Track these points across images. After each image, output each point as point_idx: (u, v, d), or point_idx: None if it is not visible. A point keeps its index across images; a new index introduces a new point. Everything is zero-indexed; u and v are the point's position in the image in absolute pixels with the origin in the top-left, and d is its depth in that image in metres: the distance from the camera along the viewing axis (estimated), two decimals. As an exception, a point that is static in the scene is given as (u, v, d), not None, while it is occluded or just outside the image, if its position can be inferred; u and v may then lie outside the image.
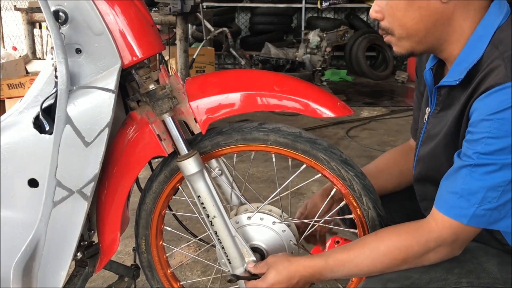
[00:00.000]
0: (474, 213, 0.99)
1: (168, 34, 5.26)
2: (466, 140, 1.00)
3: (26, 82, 3.48)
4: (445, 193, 1.04)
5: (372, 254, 1.10)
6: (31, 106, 1.18)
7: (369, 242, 1.13)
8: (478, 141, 0.97)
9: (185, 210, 2.29)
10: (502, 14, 1.04)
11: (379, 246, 1.10)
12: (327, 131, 4.15)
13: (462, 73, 1.04)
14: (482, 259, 1.10)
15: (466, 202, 0.99)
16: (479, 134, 0.96)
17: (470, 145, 0.99)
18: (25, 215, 1.21)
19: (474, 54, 1.03)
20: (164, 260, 1.45)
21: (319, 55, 5.57)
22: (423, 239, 1.06)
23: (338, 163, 1.24)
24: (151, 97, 1.19)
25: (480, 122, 0.96)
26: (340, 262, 1.13)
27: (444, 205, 1.03)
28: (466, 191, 0.99)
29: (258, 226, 1.32)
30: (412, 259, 1.08)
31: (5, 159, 1.19)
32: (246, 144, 1.28)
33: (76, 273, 1.40)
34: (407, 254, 1.07)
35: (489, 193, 0.97)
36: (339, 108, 1.21)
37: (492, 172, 0.96)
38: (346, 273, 1.14)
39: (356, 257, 1.12)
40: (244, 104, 1.21)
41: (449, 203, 1.02)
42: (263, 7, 7.23)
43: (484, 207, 0.98)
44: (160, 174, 1.33)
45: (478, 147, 0.96)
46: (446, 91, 1.13)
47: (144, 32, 1.17)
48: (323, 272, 1.15)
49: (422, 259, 1.07)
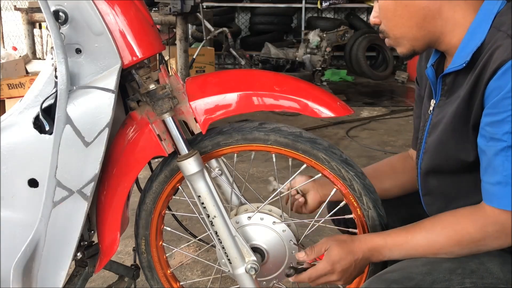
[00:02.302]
0: None
1: (168, 34, 5.25)
2: (489, 124, 0.99)
3: (26, 82, 3.48)
4: (490, 187, 1.01)
5: (428, 235, 1.10)
6: (31, 106, 1.17)
7: (426, 223, 1.12)
8: (503, 121, 0.96)
9: (185, 210, 2.29)
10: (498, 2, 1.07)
11: (436, 227, 1.10)
12: (327, 131, 4.15)
13: (468, 56, 1.05)
14: (484, 259, 1.10)
15: None
16: (503, 114, 0.95)
17: (496, 128, 0.97)
18: (25, 215, 1.21)
19: (477, 38, 1.05)
20: (164, 261, 1.45)
21: (319, 55, 5.57)
22: (479, 223, 1.04)
23: (338, 163, 1.24)
24: (152, 97, 1.19)
25: (501, 101, 0.96)
26: (398, 242, 1.13)
27: (494, 199, 1.01)
28: (509, 177, 0.97)
29: (258, 226, 1.32)
30: (467, 242, 1.06)
31: (5, 159, 1.19)
32: (246, 144, 1.28)
33: (76, 273, 1.40)
34: (462, 235, 1.06)
35: None
36: (339, 108, 1.21)
37: None
38: (403, 253, 1.13)
39: (413, 237, 1.12)
40: (244, 104, 1.21)
41: (498, 194, 1.00)
42: (263, 7, 7.24)
43: None
44: (160, 174, 1.33)
45: (506, 127, 0.95)
46: (451, 79, 1.13)
47: (144, 32, 1.17)
48: (382, 251, 1.14)
49: (479, 243, 1.06)
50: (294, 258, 1.33)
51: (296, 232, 1.34)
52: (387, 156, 3.44)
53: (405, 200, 1.43)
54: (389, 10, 1.11)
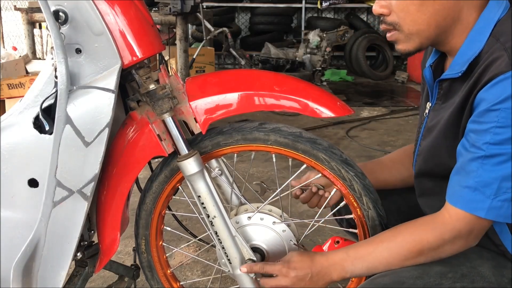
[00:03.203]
0: (491, 205, 0.98)
1: (168, 34, 5.25)
2: (473, 131, 1.00)
3: (26, 82, 3.48)
4: (459, 188, 1.03)
5: (389, 246, 1.10)
6: (31, 106, 1.17)
7: (387, 235, 1.13)
8: (486, 131, 0.96)
9: (185, 210, 2.29)
10: (501, 8, 1.05)
11: (396, 238, 1.11)
12: (327, 131, 4.15)
13: (464, 65, 1.05)
14: (476, 262, 1.10)
15: (481, 195, 0.99)
16: (487, 124, 0.96)
17: (478, 136, 0.98)
18: (25, 215, 1.21)
19: (475, 47, 1.04)
20: (164, 260, 1.45)
21: (319, 55, 5.57)
22: (437, 231, 1.05)
23: (338, 163, 1.24)
24: (152, 97, 1.19)
25: (487, 112, 0.96)
26: (360, 254, 1.13)
27: (459, 200, 1.03)
28: (480, 184, 0.98)
29: (258, 226, 1.32)
30: (428, 251, 1.07)
31: (5, 159, 1.19)
32: (246, 144, 1.28)
33: (76, 273, 1.40)
34: (422, 245, 1.07)
35: (504, 184, 0.97)
36: (339, 108, 1.21)
37: (503, 162, 0.96)
38: (366, 266, 1.13)
39: (374, 249, 1.12)
40: (244, 104, 1.21)
41: (464, 197, 1.01)
42: (263, 7, 7.23)
43: (500, 198, 0.97)
44: (160, 174, 1.33)
45: (487, 137, 0.96)
46: (447, 84, 1.13)
47: (144, 32, 1.17)
48: (344, 264, 1.14)
49: (438, 251, 1.07)
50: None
51: (296, 232, 1.34)
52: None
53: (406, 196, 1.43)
54: (414, 4, 1.05)
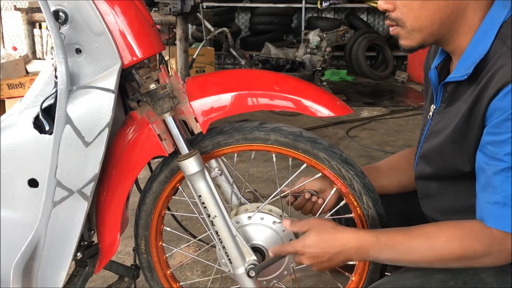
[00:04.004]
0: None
1: (168, 34, 5.25)
2: (491, 143, 0.98)
3: (26, 82, 3.48)
4: (487, 205, 1.00)
5: (429, 242, 1.05)
6: (31, 106, 1.17)
7: (429, 229, 1.07)
8: (505, 142, 0.95)
9: (185, 210, 2.29)
10: (506, 8, 1.04)
11: (440, 237, 1.05)
12: (327, 131, 4.15)
13: (470, 68, 1.04)
14: (478, 269, 1.08)
15: (510, 209, 0.96)
16: (505, 135, 0.95)
17: (497, 148, 0.97)
18: (25, 215, 1.21)
19: (481, 49, 1.03)
20: (163, 261, 1.45)
21: (319, 55, 5.57)
22: (486, 241, 1.01)
23: (338, 162, 1.24)
24: (152, 97, 1.18)
25: (504, 122, 0.95)
26: (394, 242, 1.08)
27: (490, 218, 1.00)
28: (507, 198, 0.96)
29: (259, 226, 1.32)
30: (469, 258, 1.03)
31: (5, 159, 1.19)
32: (246, 144, 1.28)
33: (76, 273, 1.40)
34: (466, 252, 1.02)
35: None
36: (338, 108, 1.21)
37: None
38: (394, 256, 1.08)
39: (411, 240, 1.07)
40: (244, 104, 1.21)
41: (494, 214, 0.99)
42: (263, 7, 7.23)
43: None
44: (160, 174, 1.33)
45: (507, 148, 0.95)
46: (452, 87, 1.12)
47: (144, 32, 1.17)
48: (370, 249, 1.09)
49: (478, 261, 1.03)
50: None
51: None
52: (387, 156, 3.45)
53: (407, 198, 1.42)
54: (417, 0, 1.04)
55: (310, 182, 1.40)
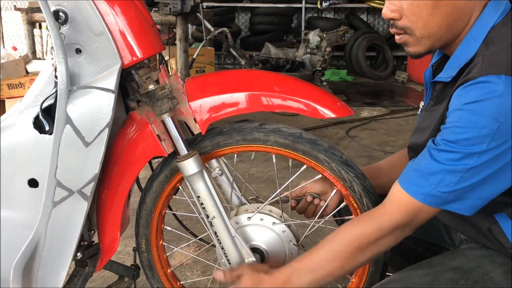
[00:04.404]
0: (430, 192, 1.01)
1: (168, 34, 5.25)
2: (441, 128, 1.03)
3: (26, 82, 3.48)
4: (409, 170, 1.07)
5: (330, 247, 1.11)
6: (31, 106, 1.17)
7: (328, 237, 1.14)
8: (447, 129, 1.00)
9: (185, 210, 2.29)
10: (498, 13, 1.05)
11: (336, 237, 1.12)
12: (327, 131, 4.15)
13: (455, 70, 1.06)
14: (488, 268, 1.09)
15: (425, 180, 1.02)
16: (450, 123, 0.99)
17: (441, 132, 1.02)
18: (25, 215, 1.21)
19: (468, 53, 1.05)
20: (164, 260, 1.45)
21: (319, 55, 5.57)
22: (376, 224, 1.07)
23: (338, 164, 1.24)
24: (151, 97, 1.18)
25: (454, 111, 0.99)
26: (304, 264, 1.14)
27: (405, 180, 1.06)
28: (427, 171, 1.02)
29: (258, 227, 1.32)
30: (367, 244, 1.08)
31: (5, 159, 1.19)
32: (246, 145, 1.28)
33: (76, 273, 1.40)
34: (361, 240, 1.08)
35: (448, 177, 0.99)
36: (339, 109, 1.21)
37: (455, 159, 0.98)
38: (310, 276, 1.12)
39: (316, 255, 1.12)
40: (244, 105, 1.21)
41: (410, 179, 1.05)
42: (263, 7, 7.23)
43: (440, 189, 1.00)
44: (161, 174, 1.33)
45: (446, 134, 0.99)
46: (440, 86, 1.14)
47: (144, 32, 1.17)
48: (291, 280, 1.13)
49: (376, 244, 1.08)
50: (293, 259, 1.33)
51: (296, 232, 1.34)
52: (387, 156, 3.45)
53: None
54: (426, 7, 1.03)
55: (311, 184, 1.40)
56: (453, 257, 1.14)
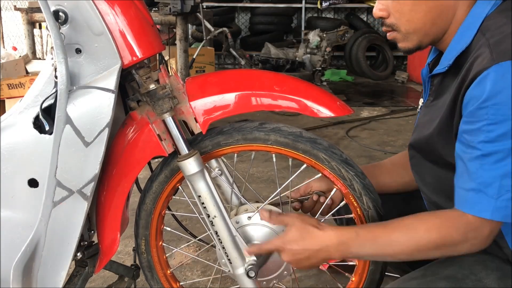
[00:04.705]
0: (495, 205, 0.97)
1: (168, 34, 5.25)
2: (466, 132, 1.00)
3: (26, 82, 3.48)
4: (463, 192, 1.02)
5: (408, 233, 1.07)
6: (31, 106, 1.17)
7: (408, 221, 1.09)
8: (479, 130, 0.96)
9: (185, 210, 2.29)
10: (490, 3, 1.06)
11: (418, 226, 1.07)
12: (327, 131, 4.15)
13: (451, 60, 1.07)
14: (481, 274, 1.08)
15: (484, 195, 0.98)
16: (479, 123, 0.96)
17: (472, 136, 0.98)
18: (25, 215, 1.21)
19: (463, 42, 1.06)
20: (163, 261, 1.45)
21: (319, 55, 5.57)
22: (462, 228, 1.03)
23: (338, 162, 1.24)
24: (152, 97, 1.18)
25: (477, 111, 0.97)
26: (374, 235, 1.09)
27: (466, 204, 1.02)
28: (481, 185, 0.98)
29: (259, 226, 1.32)
30: (448, 246, 1.05)
31: (5, 159, 1.19)
32: (246, 144, 1.28)
33: (76, 273, 1.40)
34: (445, 240, 1.04)
35: (504, 182, 0.96)
36: (339, 108, 1.21)
37: (501, 159, 0.95)
38: (375, 250, 1.09)
39: (392, 232, 1.08)
40: (244, 104, 1.21)
41: (469, 200, 1.01)
42: (263, 7, 7.23)
43: (503, 198, 0.96)
44: (160, 174, 1.33)
45: (481, 136, 0.96)
46: (438, 80, 1.15)
47: (144, 32, 1.17)
48: (351, 245, 1.10)
49: (456, 248, 1.05)
50: None
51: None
52: (387, 156, 3.46)
53: (408, 200, 1.42)
54: (407, 4, 1.08)
55: (315, 183, 1.40)
56: (446, 264, 1.13)
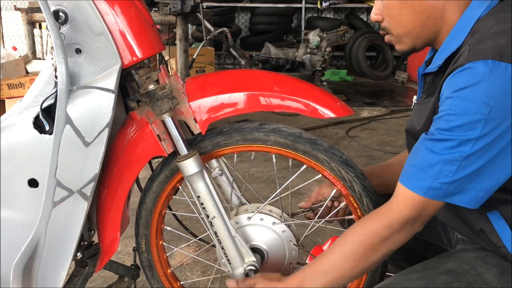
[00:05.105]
0: (431, 185, 1.00)
1: (168, 34, 5.25)
2: (433, 118, 1.03)
3: (26, 82, 3.48)
4: (407, 166, 1.07)
5: (341, 248, 1.11)
6: (31, 106, 1.17)
7: (339, 239, 1.14)
8: (440, 118, 1.00)
9: (185, 210, 2.29)
10: (484, 6, 1.07)
11: (346, 238, 1.11)
12: (327, 131, 4.15)
13: (441, 60, 1.09)
14: (481, 269, 1.09)
15: (424, 173, 1.01)
16: (442, 112, 1.00)
17: (434, 122, 1.02)
18: (25, 215, 1.21)
19: (455, 43, 1.07)
20: (164, 260, 1.45)
21: (319, 55, 5.57)
22: (384, 221, 1.07)
23: (338, 164, 1.24)
24: (151, 97, 1.19)
25: (445, 100, 1.00)
26: (316, 267, 1.14)
27: (404, 177, 1.06)
28: (424, 164, 1.01)
29: (258, 227, 1.32)
30: (378, 243, 1.07)
31: (5, 159, 1.19)
32: (246, 145, 1.28)
33: (76, 273, 1.40)
34: (372, 238, 1.07)
35: (446, 167, 0.99)
36: (339, 108, 1.21)
37: (451, 148, 0.98)
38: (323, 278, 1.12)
39: (328, 257, 1.12)
40: (244, 105, 1.21)
41: (409, 174, 1.05)
42: (263, 7, 7.23)
43: (440, 180, 1.00)
44: (161, 174, 1.33)
45: (440, 123, 0.99)
46: (430, 78, 1.16)
47: (144, 32, 1.17)
48: (303, 283, 1.13)
49: (387, 242, 1.07)
50: (294, 258, 1.34)
51: (296, 232, 1.34)
52: (387, 156, 3.46)
53: None
54: (395, 8, 1.11)
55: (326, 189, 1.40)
56: (447, 259, 1.14)
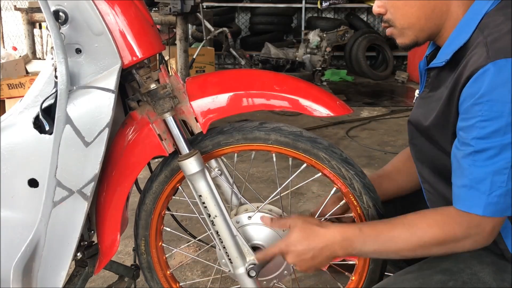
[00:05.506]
0: (487, 201, 0.98)
1: (168, 34, 5.26)
2: (462, 129, 1.01)
3: (26, 82, 3.48)
4: (456, 189, 1.04)
5: (411, 229, 1.07)
6: (31, 106, 1.17)
7: (410, 217, 1.10)
8: (472, 127, 0.97)
9: (185, 211, 2.29)
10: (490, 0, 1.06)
11: (421, 223, 1.08)
12: (327, 131, 4.15)
13: (448, 55, 1.08)
14: (477, 268, 1.09)
15: (476, 192, 0.98)
16: (473, 120, 0.97)
17: (466, 133, 0.99)
18: (25, 215, 1.21)
19: (461, 38, 1.06)
20: (163, 261, 1.45)
21: (319, 55, 5.57)
22: (465, 224, 1.03)
23: (338, 162, 1.24)
24: (152, 97, 1.19)
25: (471, 107, 0.97)
26: (376, 231, 1.10)
27: (458, 200, 1.03)
28: (473, 181, 0.98)
29: (259, 226, 1.32)
30: (450, 242, 1.05)
31: (5, 159, 1.19)
32: (247, 144, 1.28)
33: (76, 273, 1.40)
34: (447, 236, 1.05)
35: (496, 178, 0.96)
36: (338, 107, 1.21)
37: (493, 156, 0.96)
38: (378, 246, 1.10)
39: (394, 228, 1.09)
40: (244, 104, 1.21)
41: (461, 197, 1.02)
42: (263, 7, 7.23)
43: (495, 193, 0.97)
44: (160, 174, 1.33)
45: (474, 132, 0.97)
46: (435, 73, 1.16)
47: (144, 32, 1.17)
48: (354, 241, 1.11)
49: (458, 244, 1.05)
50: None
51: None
52: (387, 156, 3.46)
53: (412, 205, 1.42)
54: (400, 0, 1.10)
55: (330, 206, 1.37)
56: (442, 259, 1.14)
